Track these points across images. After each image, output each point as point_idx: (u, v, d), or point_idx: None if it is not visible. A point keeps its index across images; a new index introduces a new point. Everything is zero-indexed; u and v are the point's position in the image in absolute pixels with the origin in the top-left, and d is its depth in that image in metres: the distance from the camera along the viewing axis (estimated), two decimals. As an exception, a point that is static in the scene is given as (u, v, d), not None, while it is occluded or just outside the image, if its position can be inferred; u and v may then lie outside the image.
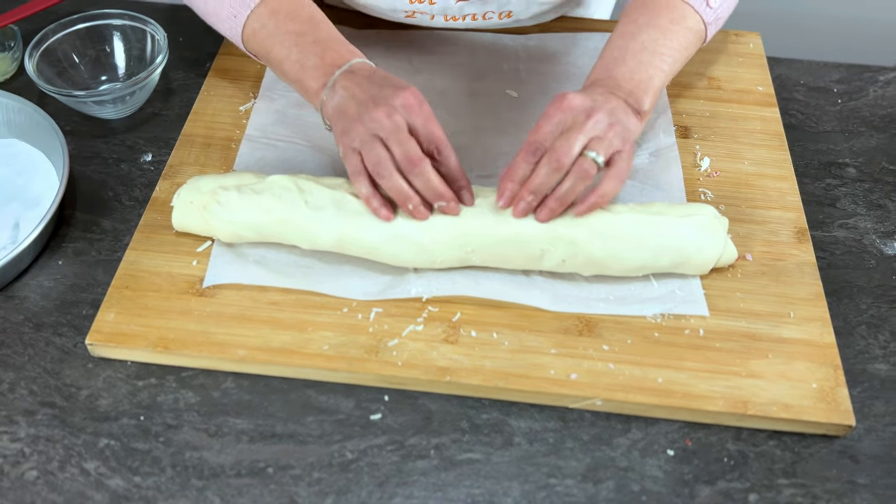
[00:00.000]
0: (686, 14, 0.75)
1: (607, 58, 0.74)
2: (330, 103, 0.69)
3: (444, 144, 0.67)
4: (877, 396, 0.67)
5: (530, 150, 0.66)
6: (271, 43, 0.74)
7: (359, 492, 0.61)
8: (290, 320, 0.68)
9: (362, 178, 0.67)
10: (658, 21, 0.74)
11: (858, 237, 0.79)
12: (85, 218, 0.77)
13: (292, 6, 0.74)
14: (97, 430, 0.63)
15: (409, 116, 0.66)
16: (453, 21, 0.86)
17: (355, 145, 0.67)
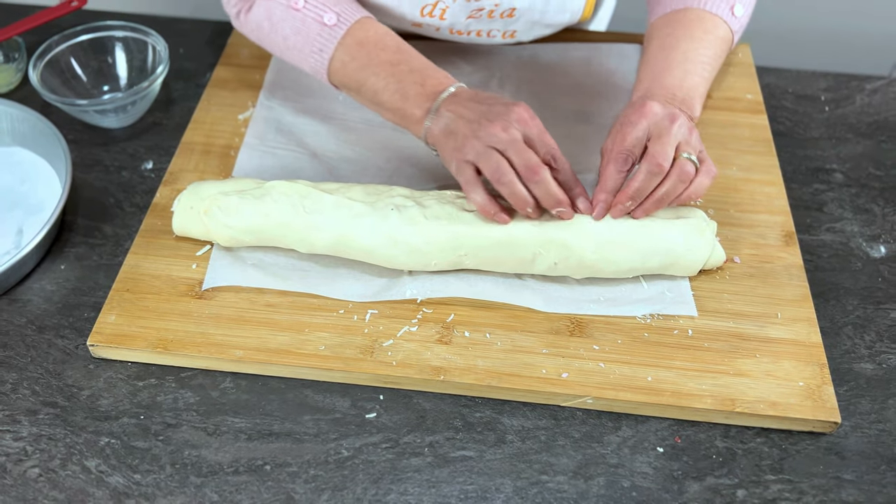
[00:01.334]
0: (717, 24, 0.78)
1: (654, 69, 0.76)
2: (436, 127, 0.71)
3: (559, 154, 0.68)
4: (862, 395, 0.69)
5: (621, 158, 0.68)
6: (364, 74, 0.75)
7: (354, 488, 0.62)
8: (288, 322, 0.69)
9: (477, 187, 0.68)
10: (693, 33, 0.77)
11: (845, 240, 0.80)
12: (87, 224, 0.79)
13: (377, 36, 0.76)
14: (98, 429, 0.64)
15: (524, 129, 0.67)
16: (457, 35, 0.88)
17: (469, 158, 0.68)
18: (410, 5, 0.81)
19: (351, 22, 0.75)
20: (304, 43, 0.77)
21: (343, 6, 0.76)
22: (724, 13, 0.78)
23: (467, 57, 0.94)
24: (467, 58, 0.94)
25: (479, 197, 0.68)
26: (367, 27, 0.76)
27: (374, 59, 0.74)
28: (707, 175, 0.69)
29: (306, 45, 0.76)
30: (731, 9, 0.78)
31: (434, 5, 0.81)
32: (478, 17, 0.83)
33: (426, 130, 0.72)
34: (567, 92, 0.91)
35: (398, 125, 0.75)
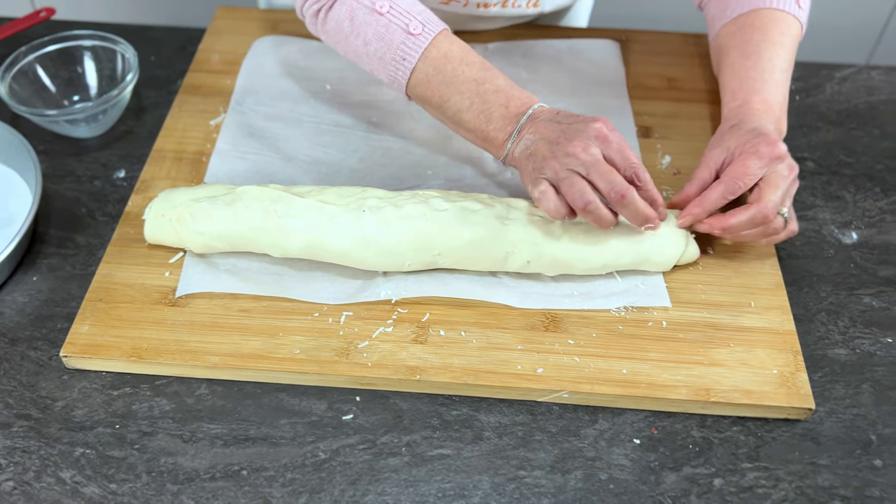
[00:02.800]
0: (790, 23, 0.78)
1: (746, 80, 0.76)
2: (517, 150, 0.70)
3: (642, 169, 0.67)
4: (837, 380, 0.69)
5: (736, 187, 0.68)
6: (449, 91, 0.73)
7: (331, 490, 0.62)
8: (262, 326, 0.69)
9: (550, 195, 0.67)
10: (771, 37, 0.77)
11: (817, 228, 0.81)
12: (59, 234, 0.78)
13: (462, 51, 0.73)
14: (73, 440, 0.64)
15: (605, 147, 0.66)
16: (484, 9, 0.88)
17: (547, 176, 0.67)
18: None
19: (435, 33, 0.73)
20: (385, 50, 0.73)
21: (426, 16, 0.74)
22: (793, 8, 0.78)
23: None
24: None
25: (552, 204, 0.67)
26: (451, 40, 0.73)
27: (459, 75, 0.72)
28: (787, 234, 0.70)
29: (388, 52, 0.73)
30: (798, 2, 0.78)
31: None
32: None
33: (508, 152, 0.71)
34: (537, 91, 0.91)
35: (477, 145, 0.74)
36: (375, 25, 0.73)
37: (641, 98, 0.91)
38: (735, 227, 0.68)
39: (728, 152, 0.70)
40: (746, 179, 0.68)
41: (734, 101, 0.75)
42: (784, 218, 0.69)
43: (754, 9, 0.79)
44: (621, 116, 0.88)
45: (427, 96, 0.74)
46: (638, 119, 0.88)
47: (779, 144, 0.69)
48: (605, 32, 0.99)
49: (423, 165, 0.82)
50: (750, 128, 0.71)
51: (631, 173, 0.67)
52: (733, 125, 0.73)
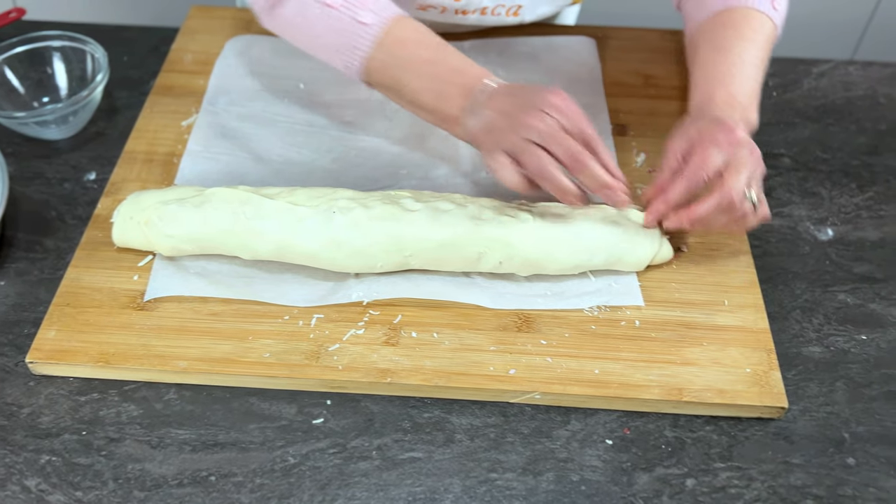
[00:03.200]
0: (763, 22, 0.78)
1: (713, 73, 0.75)
2: (475, 126, 0.69)
3: (597, 141, 0.67)
4: (811, 378, 0.69)
5: (695, 179, 0.67)
6: (405, 75, 0.73)
7: (301, 495, 0.61)
8: (231, 330, 0.68)
9: (510, 169, 0.67)
10: (743, 33, 0.77)
11: (793, 224, 0.81)
12: (27, 238, 0.77)
13: (418, 34, 0.74)
14: (38, 447, 0.63)
15: (561, 117, 0.66)
16: (462, 16, 0.88)
17: (505, 148, 0.67)
18: None
19: (387, 20, 0.73)
20: (338, 41, 0.74)
21: (381, 4, 0.74)
22: (767, 8, 0.78)
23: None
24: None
25: (514, 177, 0.67)
26: (405, 25, 0.74)
27: (414, 59, 0.72)
28: (759, 219, 0.69)
29: (342, 43, 0.74)
30: (773, 3, 0.78)
31: None
32: None
33: (465, 130, 0.71)
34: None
35: (439, 127, 0.74)
36: (327, 19, 0.73)
37: (618, 95, 0.90)
38: (703, 215, 0.67)
39: (689, 141, 0.69)
40: (707, 169, 0.67)
41: (699, 95, 0.74)
42: (752, 202, 0.67)
43: (729, 7, 0.78)
44: (596, 114, 0.87)
45: (384, 82, 0.74)
46: (613, 116, 0.88)
47: (736, 130, 0.68)
48: (582, 29, 0.98)
49: (398, 165, 0.82)
50: (711, 118, 0.70)
51: (585, 143, 0.66)
52: (696, 117, 0.72)
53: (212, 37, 0.96)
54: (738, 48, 0.75)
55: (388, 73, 0.73)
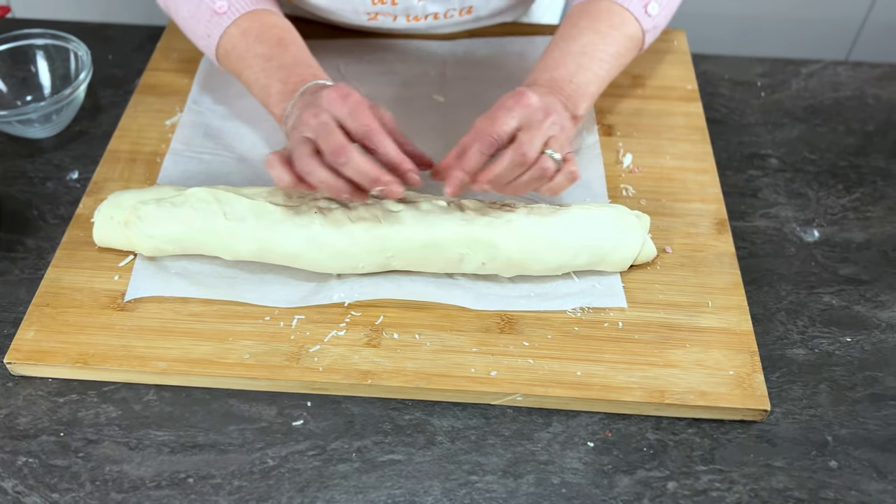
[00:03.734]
0: (626, 20, 0.76)
1: (548, 60, 0.75)
2: (289, 124, 0.69)
3: (375, 132, 0.65)
4: (794, 381, 0.69)
5: (487, 141, 0.65)
6: (241, 66, 0.75)
7: (279, 498, 0.61)
8: (211, 331, 0.68)
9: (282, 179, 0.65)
10: (598, 26, 0.75)
11: (779, 226, 0.80)
12: (8, 237, 0.77)
13: (263, 27, 0.75)
14: (16, 449, 0.63)
15: (335, 111, 0.65)
16: (415, 21, 0.87)
17: (288, 150, 0.66)
18: None
19: (241, 12, 0.75)
20: (196, 25, 0.77)
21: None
22: (637, 10, 0.77)
23: (401, 55, 0.93)
24: (401, 55, 0.93)
25: (280, 175, 0.65)
26: (255, 18, 0.75)
27: (250, 50, 0.74)
28: (567, 177, 0.67)
29: (198, 28, 0.77)
30: (646, 7, 0.77)
31: None
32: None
33: (285, 129, 0.70)
34: (501, 84, 0.89)
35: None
36: (188, 4, 0.77)
37: (605, 95, 0.89)
38: (499, 173, 0.65)
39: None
40: (496, 129, 0.65)
41: (528, 79, 0.74)
42: (555, 160, 0.66)
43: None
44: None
45: (229, 70, 0.78)
46: (600, 117, 0.87)
47: (526, 94, 0.67)
48: (570, 29, 0.97)
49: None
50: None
51: (362, 136, 0.65)
52: None
53: (198, 35, 0.96)
54: (585, 39, 0.75)
55: (230, 63, 0.76)
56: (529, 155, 0.65)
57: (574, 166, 0.68)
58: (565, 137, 0.68)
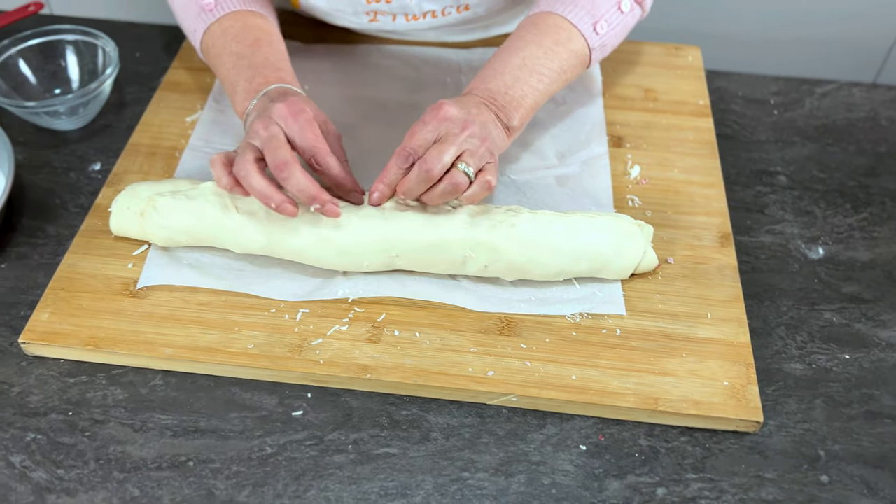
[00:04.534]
0: (572, 36, 0.78)
1: (488, 70, 0.76)
2: (246, 125, 0.72)
3: (320, 152, 0.68)
4: (790, 395, 0.69)
5: (402, 155, 0.68)
6: (217, 62, 0.78)
7: (275, 484, 0.62)
8: (218, 320, 0.70)
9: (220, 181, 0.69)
10: (542, 40, 0.77)
11: (784, 242, 0.81)
12: (30, 224, 0.80)
13: (243, 28, 0.78)
14: (25, 426, 0.65)
15: (286, 126, 0.68)
16: (414, 21, 0.89)
17: (238, 153, 0.69)
18: None
19: (226, 11, 0.78)
20: (185, 20, 0.82)
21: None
22: (585, 27, 0.78)
23: (418, 62, 0.95)
24: (417, 63, 0.95)
25: (221, 177, 0.68)
26: (239, 18, 0.78)
27: (226, 48, 0.77)
28: (482, 187, 0.68)
29: (187, 22, 0.81)
30: (595, 25, 0.78)
31: None
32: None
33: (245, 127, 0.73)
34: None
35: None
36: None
37: (617, 108, 0.91)
38: (409, 187, 0.68)
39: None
40: (413, 145, 0.68)
41: (466, 89, 0.75)
42: (467, 174, 0.67)
43: (546, 11, 0.79)
44: (594, 125, 0.88)
45: (209, 65, 0.81)
46: (611, 129, 0.89)
47: (444, 108, 0.69)
48: (586, 41, 0.99)
49: (393, 167, 0.83)
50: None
51: (310, 156, 0.68)
52: None
53: (222, 36, 0.99)
54: (527, 52, 0.76)
55: (210, 59, 0.80)
56: (434, 171, 0.66)
57: (490, 175, 0.69)
58: (484, 149, 0.69)
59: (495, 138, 0.71)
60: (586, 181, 0.82)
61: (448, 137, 0.68)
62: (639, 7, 0.82)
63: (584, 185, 0.82)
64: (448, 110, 0.69)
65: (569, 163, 0.84)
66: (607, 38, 0.79)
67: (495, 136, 0.72)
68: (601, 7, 0.78)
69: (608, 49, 0.81)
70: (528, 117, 0.76)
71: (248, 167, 0.66)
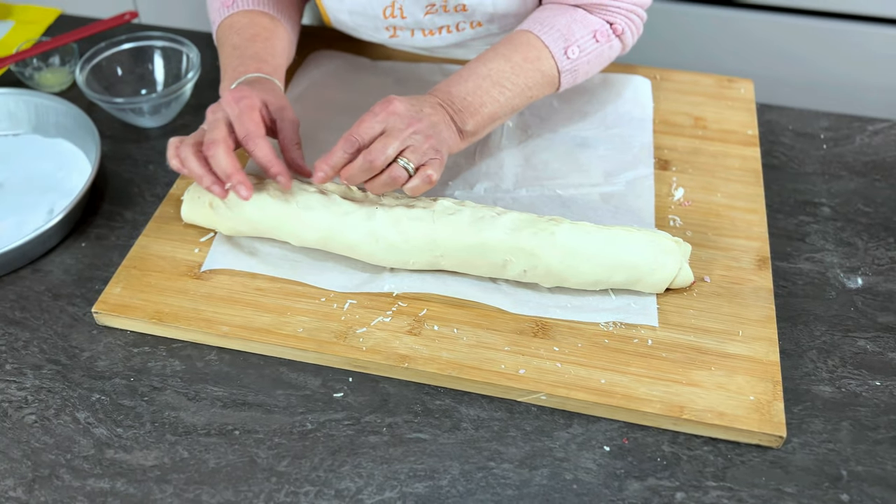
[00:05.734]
0: (542, 56, 0.82)
1: (455, 75, 0.82)
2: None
3: (250, 136, 0.73)
4: (817, 415, 0.70)
5: (349, 141, 0.73)
6: (220, 52, 0.87)
7: (312, 458, 0.67)
8: (273, 305, 0.75)
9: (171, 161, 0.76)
10: (513, 56, 0.81)
11: (823, 270, 0.82)
12: (111, 209, 0.87)
13: (247, 23, 0.86)
14: (91, 387, 0.71)
15: (228, 111, 0.74)
16: (431, 36, 0.94)
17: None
18: (373, 6, 0.89)
19: (239, 8, 0.87)
20: (210, 12, 0.91)
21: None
22: (556, 49, 0.81)
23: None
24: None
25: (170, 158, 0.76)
26: (248, 15, 0.87)
27: (229, 40, 0.85)
28: (423, 180, 0.74)
29: (211, 15, 0.90)
30: (566, 49, 0.81)
31: (392, 5, 0.88)
32: (434, 12, 0.89)
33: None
34: (566, 118, 0.95)
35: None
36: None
37: (665, 133, 0.94)
38: (352, 174, 0.73)
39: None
40: (360, 133, 0.73)
41: (431, 89, 0.80)
42: (406, 169, 0.73)
43: (527, 30, 0.83)
44: (642, 147, 0.91)
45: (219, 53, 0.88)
46: (658, 152, 0.91)
47: (393, 103, 0.74)
48: (640, 70, 1.03)
49: (445, 176, 0.87)
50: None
51: (241, 138, 0.73)
52: None
53: (297, 49, 1.05)
54: (494, 65, 0.80)
55: (218, 48, 0.87)
56: (377, 162, 0.72)
57: (432, 170, 0.74)
58: (428, 146, 0.74)
59: (446, 138, 0.76)
60: (630, 199, 0.85)
61: (393, 132, 0.73)
62: (617, 40, 0.85)
63: (627, 203, 0.85)
64: (397, 106, 0.74)
65: (614, 181, 0.87)
66: (579, 63, 0.83)
67: (446, 137, 0.76)
68: (576, 33, 0.82)
69: (580, 75, 0.85)
70: (487, 125, 0.81)
71: (189, 151, 0.74)
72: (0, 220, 0.84)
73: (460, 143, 0.79)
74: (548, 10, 0.85)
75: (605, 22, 0.84)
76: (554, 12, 0.84)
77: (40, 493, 0.65)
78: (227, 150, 0.73)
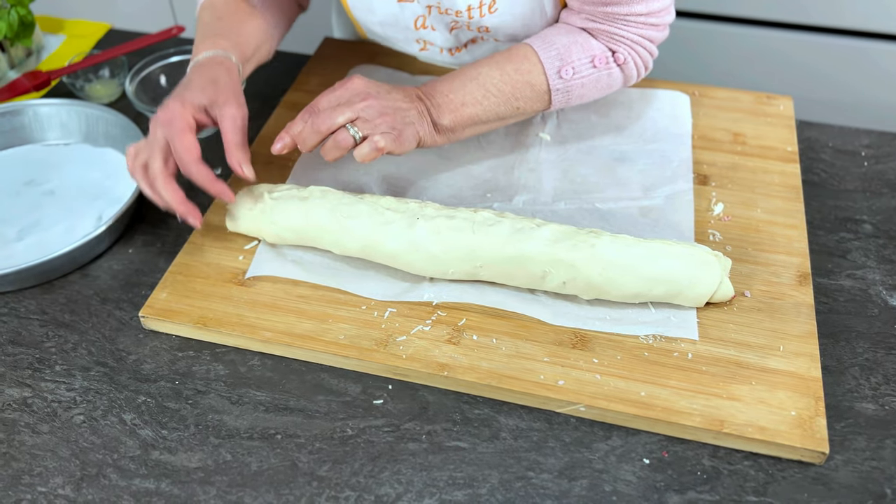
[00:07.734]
0: (533, 70, 0.83)
1: (447, 74, 0.84)
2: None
3: (185, 162, 0.75)
4: (860, 432, 0.69)
5: (308, 111, 0.78)
6: (196, 28, 0.89)
7: (352, 463, 0.67)
8: (314, 312, 0.76)
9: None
10: (505, 64, 0.83)
11: (864, 287, 0.81)
12: (158, 216, 0.89)
13: (222, 4, 0.89)
14: (138, 389, 0.73)
15: (166, 131, 0.75)
16: (458, 53, 0.97)
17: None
18: (405, 16, 0.90)
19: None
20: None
21: None
22: (550, 67, 0.82)
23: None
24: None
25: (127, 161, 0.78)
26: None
27: (204, 18, 0.89)
28: (371, 146, 0.76)
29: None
30: (560, 69, 0.82)
31: (424, 16, 0.90)
32: (459, 27, 0.91)
33: None
34: (605, 133, 0.96)
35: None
36: None
37: (705, 148, 0.94)
38: (304, 137, 0.77)
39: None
40: (317, 104, 0.78)
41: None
42: (353, 136, 0.76)
43: (528, 44, 0.84)
44: (681, 163, 0.91)
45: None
46: (697, 168, 0.92)
47: (353, 80, 0.79)
48: (678, 86, 1.03)
49: (484, 189, 0.89)
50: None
51: (178, 161, 0.75)
52: None
53: (338, 64, 1.08)
54: (485, 69, 0.82)
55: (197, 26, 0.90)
56: (321, 126, 0.76)
57: (379, 138, 0.76)
58: (383, 122, 0.77)
59: (412, 124, 0.79)
60: (669, 214, 0.85)
61: (346, 103, 0.77)
62: (618, 69, 0.85)
63: (666, 218, 0.85)
64: (355, 82, 0.79)
65: (653, 196, 0.87)
66: (572, 85, 0.84)
67: (414, 123, 0.79)
68: (573, 55, 0.83)
69: (574, 97, 0.85)
70: (467, 125, 0.83)
71: (139, 176, 0.77)
72: (51, 226, 0.86)
73: (436, 136, 0.81)
74: (555, 28, 0.86)
75: (607, 49, 0.84)
76: (558, 31, 0.85)
77: (88, 491, 0.66)
78: (165, 182, 0.75)
